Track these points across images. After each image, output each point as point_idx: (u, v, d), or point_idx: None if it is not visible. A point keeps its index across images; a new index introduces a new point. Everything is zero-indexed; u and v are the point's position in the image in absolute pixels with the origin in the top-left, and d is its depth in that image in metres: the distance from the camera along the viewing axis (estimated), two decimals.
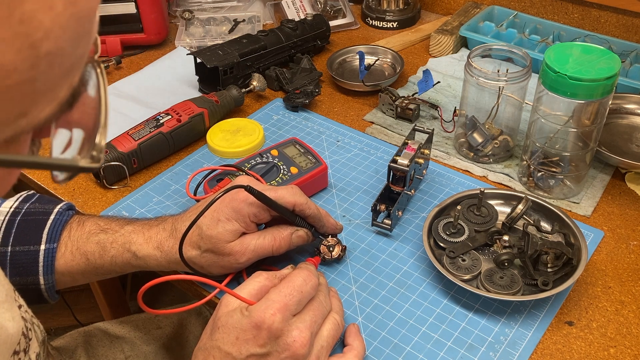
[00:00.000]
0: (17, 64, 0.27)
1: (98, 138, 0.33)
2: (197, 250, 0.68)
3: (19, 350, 0.55)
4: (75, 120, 0.35)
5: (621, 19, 1.13)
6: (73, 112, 0.34)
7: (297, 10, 1.34)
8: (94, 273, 0.71)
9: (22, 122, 0.30)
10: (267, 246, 0.69)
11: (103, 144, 0.33)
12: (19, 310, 0.57)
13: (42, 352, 0.61)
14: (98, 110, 0.34)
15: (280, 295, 0.58)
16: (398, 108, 1.02)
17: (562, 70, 0.75)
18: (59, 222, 0.71)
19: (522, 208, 0.76)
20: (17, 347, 0.55)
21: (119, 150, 0.88)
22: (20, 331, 0.55)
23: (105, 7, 1.19)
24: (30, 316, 0.61)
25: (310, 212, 0.71)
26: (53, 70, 0.29)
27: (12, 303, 0.56)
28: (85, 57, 0.32)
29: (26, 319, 0.59)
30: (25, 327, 0.57)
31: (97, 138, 0.33)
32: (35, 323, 0.62)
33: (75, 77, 0.32)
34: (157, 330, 0.96)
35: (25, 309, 0.60)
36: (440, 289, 0.74)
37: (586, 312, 0.71)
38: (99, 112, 0.34)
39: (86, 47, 0.32)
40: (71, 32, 0.29)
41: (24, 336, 0.57)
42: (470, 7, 1.27)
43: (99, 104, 0.34)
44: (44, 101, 0.30)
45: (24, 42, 0.26)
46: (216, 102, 0.99)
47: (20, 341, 0.55)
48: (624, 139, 0.94)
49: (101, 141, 0.33)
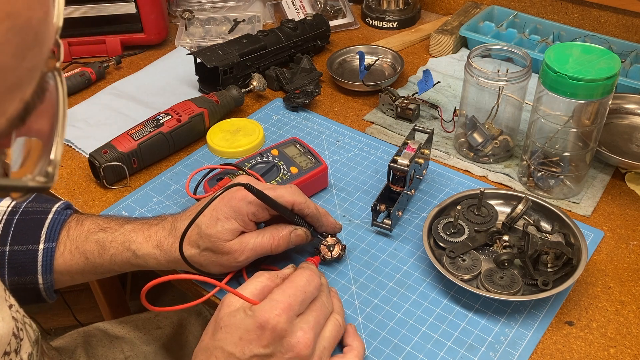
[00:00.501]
0: None
1: (53, 153, 0.32)
2: (196, 248, 0.68)
3: (10, 350, 0.55)
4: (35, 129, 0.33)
5: (621, 19, 1.13)
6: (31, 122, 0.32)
7: (297, 10, 1.34)
8: (93, 272, 0.71)
9: None
10: (265, 245, 0.69)
11: (58, 159, 0.32)
12: (9, 311, 0.56)
13: (34, 352, 0.61)
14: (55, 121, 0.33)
15: (284, 295, 0.58)
16: (398, 108, 1.02)
17: (562, 70, 0.75)
18: (57, 221, 0.71)
19: (522, 208, 0.76)
20: (8, 347, 0.54)
21: (119, 150, 0.88)
22: (11, 331, 0.55)
23: (105, 7, 1.19)
24: (21, 316, 0.61)
25: (309, 212, 0.71)
26: None
27: (3, 303, 0.56)
28: (36, 69, 0.31)
29: (17, 319, 0.58)
30: (16, 327, 0.57)
31: (53, 153, 0.32)
32: (27, 323, 0.62)
33: (26, 90, 0.31)
34: (157, 330, 0.96)
35: (17, 309, 0.60)
36: (440, 289, 0.74)
37: (586, 312, 0.71)
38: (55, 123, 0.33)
39: (36, 60, 0.30)
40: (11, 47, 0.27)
41: (15, 336, 0.56)
42: (470, 7, 1.27)
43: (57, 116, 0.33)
44: None
45: None
46: (216, 102, 0.99)
47: (11, 341, 0.55)
48: (624, 139, 0.94)
49: (57, 156, 0.32)
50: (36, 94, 0.32)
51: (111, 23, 1.21)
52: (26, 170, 0.33)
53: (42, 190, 0.31)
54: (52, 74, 0.33)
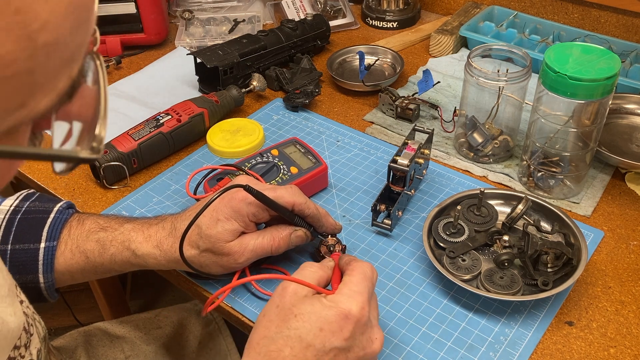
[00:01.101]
0: (15, 55, 0.27)
1: (98, 129, 0.33)
2: (196, 249, 0.68)
3: (20, 345, 0.55)
4: (75, 112, 0.34)
5: (621, 19, 1.13)
6: (72, 103, 0.34)
7: (297, 10, 1.34)
8: (93, 271, 0.72)
9: (22, 113, 0.29)
10: (266, 246, 0.69)
11: (103, 135, 0.33)
12: (20, 306, 0.57)
13: (42, 349, 0.62)
14: (97, 101, 0.34)
15: (359, 286, 0.57)
16: (398, 108, 1.02)
17: (562, 70, 0.75)
18: (59, 221, 0.71)
19: (522, 208, 0.76)
20: (18, 342, 0.55)
21: (119, 150, 0.88)
22: (22, 326, 0.55)
23: (105, 7, 1.19)
24: (32, 312, 0.61)
25: (309, 212, 0.71)
26: (51, 61, 0.29)
27: (14, 298, 0.56)
28: (84, 47, 0.32)
29: (28, 315, 0.59)
30: (26, 322, 0.57)
31: (97, 129, 0.33)
32: (37, 319, 0.62)
33: (74, 68, 0.32)
34: (157, 330, 0.96)
35: (27, 305, 0.60)
36: (440, 289, 0.74)
37: (586, 312, 0.71)
38: (98, 104, 0.34)
39: (85, 37, 0.31)
40: (69, 22, 0.28)
41: (25, 331, 0.57)
42: (470, 7, 1.27)
43: (99, 95, 0.34)
44: (42, 92, 0.30)
45: (21, 32, 0.26)
46: (216, 102, 0.99)
47: (21, 336, 0.55)
48: (624, 139, 0.94)
49: (101, 132, 0.33)
50: (80, 73, 0.33)
51: (111, 23, 1.21)
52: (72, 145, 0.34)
53: (91, 161, 0.32)
54: (92, 56, 0.34)
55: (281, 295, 0.57)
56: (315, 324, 0.54)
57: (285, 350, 0.53)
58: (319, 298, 0.56)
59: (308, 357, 0.53)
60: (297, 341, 0.53)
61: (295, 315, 0.54)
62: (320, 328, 0.53)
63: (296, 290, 0.57)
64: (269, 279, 0.75)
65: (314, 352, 0.53)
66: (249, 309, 0.72)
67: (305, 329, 0.54)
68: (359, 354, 0.55)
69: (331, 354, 0.54)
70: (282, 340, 0.54)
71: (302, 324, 0.54)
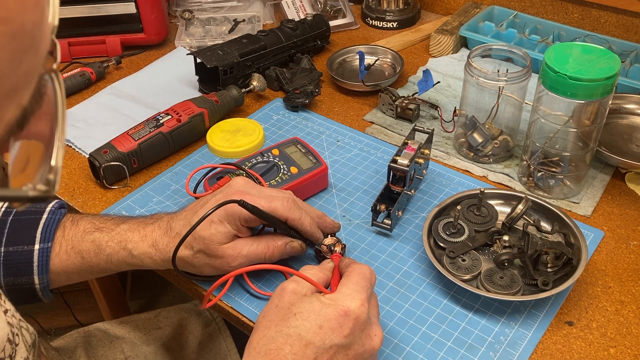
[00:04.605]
0: None
1: (54, 159, 0.31)
2: (190, 250, 0.68)
3: (4, 356, 0.54)
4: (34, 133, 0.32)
5: (621, 19, 1.13)
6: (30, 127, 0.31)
7: (297, 10, 1.34)
8: (89, 272, 0.72)
9: None
10: (260, 253, 0.70)
11: (59, 165, 0.31)
12: (4, 316, 0.56)
13: (30, 356, 0.61)
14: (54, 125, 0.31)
15: (358, 285, 0.57)
16: (398, 108, 1.02)
17: (562, 70, 0.74)
18: (52, 221, 0.71)
19: (522, 208, 0.76)
20: (2, 353, 0.54)
21: (119, 150, 0.88)
22: (6, 337, 0.55)
23: (105, 7, 1.19)
24: (17, 320, 0.60)
25: (302, 228, 0.71)
26: None
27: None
28: (34, 73, 0.30)
29: (12, 324, 0.58)
30: (11, 333, 0.57)
31: (53, 159, 0.31)
32: (24, 327, 0.61)
33: (24, 96, 0.30)
34: (157, 330, 0.96)
35: (12, 314, 0.59)
36: (440, 289, 0.74)
37: (586, 312, 0.71)
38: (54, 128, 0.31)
39: (33, 63, 0.29)
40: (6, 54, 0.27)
41: (10, 342, 0.56)
42: (470, 7, 1.27)
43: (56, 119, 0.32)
44: None
45: None
46: (216, 102, 0.99)
47: (5, 347, 0.55)
48: (624, 139, 0.94)
49: (57, 162, 0.31)
50: (34, 99, 0.31)
51: (111, 23, 1.21)
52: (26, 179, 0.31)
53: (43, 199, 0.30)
54: (50, 76, 0.32)
55: (280, 295, 0.57)
56: (315, 322, 0.54)
57: (285, 349, 0.53)
58: (317, 297, 0.56)
59: (308, 354, 0.53)
60: (297, 339, 0.53)
61: (294, 314, 0.55)
62: (319, 326, 0.54)
63: (295, 290, 0.57)
64: (269, 279, 0.75)
65: (313, 350, 0.53)
66: (249, 309, 0.72)
67: (304, 327, 0.54)
68: (358, 351, 0.55)
69: (331, 351, 0.54)
70: (281, 339, 0.54)
71: (302, 322, 0.54)
